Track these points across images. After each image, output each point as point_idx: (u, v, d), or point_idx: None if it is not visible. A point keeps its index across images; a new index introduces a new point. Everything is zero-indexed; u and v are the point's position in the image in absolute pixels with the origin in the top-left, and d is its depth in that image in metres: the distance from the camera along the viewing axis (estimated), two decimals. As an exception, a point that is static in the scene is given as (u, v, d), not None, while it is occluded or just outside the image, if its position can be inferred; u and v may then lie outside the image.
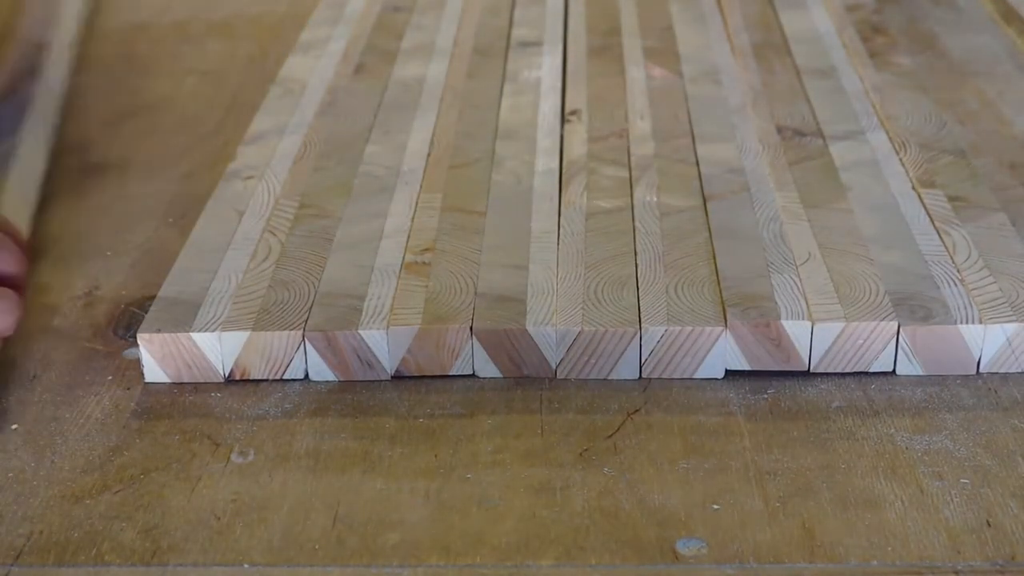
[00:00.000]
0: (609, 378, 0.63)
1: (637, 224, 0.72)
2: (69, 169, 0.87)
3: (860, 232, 0.70)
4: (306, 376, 0.64)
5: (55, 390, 0.64)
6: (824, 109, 0.86)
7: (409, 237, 0.71)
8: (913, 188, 0.75)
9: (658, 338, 0.62)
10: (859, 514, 0.54)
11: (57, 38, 1.01)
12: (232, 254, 0.70)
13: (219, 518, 0.55)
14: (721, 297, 0.64)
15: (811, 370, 0.63)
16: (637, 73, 0.92)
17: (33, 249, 0.76)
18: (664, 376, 0.63)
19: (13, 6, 1.05)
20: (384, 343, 0.63)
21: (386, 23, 1.04)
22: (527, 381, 0.64)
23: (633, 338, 0.63)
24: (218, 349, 0.63)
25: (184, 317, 0.64)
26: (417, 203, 0.75)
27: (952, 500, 0.55)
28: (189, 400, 0.63)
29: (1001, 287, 0.65)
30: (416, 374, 0.64)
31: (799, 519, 0.54)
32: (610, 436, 0.60)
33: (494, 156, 0.81)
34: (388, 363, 0.63)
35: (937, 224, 0.71)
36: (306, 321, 0.64)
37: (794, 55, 0.95)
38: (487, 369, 0.64)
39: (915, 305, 0.63)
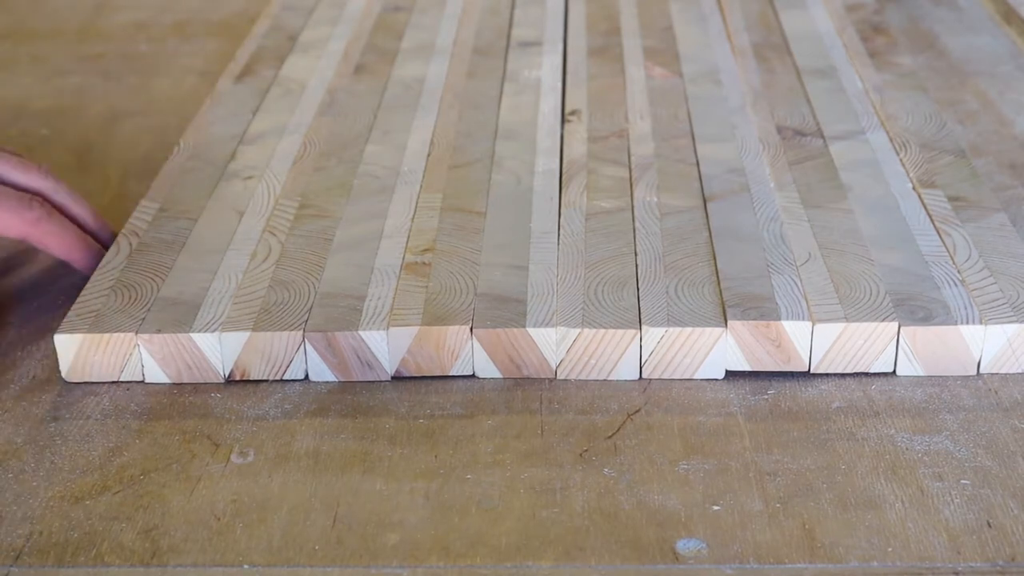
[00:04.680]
0: (609, 379, 0.63)
1: (637, 224, 0.72)
2: (69, 169, 0.87)
3: (860, 232, 0.70)
4: (306, 377, 0.64)
5: (55, 390, 0.64)
6: (824, 109, 0.86)
7: (409, 237, 0.71)
8: (913, 188, 0.75)
9: (658, 339, 0.62)
10: (859, 515, 0.54)
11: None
12: (232, 254, 0.70)
13: (219, 519, 0.55)
14: (721, 298, 0.64)
15: (811, 370, 0.63)
16: (637, 73, 0.92)
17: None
18: (664, 377, 0.63)
19: None
20: (384, 343, 0.63)
21: (386, 23, 1.04)
22: (527, 382, 0.64)
23: (633, 339, 0.63)
24: (218, 349, 0.63)
25: (184, 317, 0.64)
26: (417, 203, 0.75)
27: (952, 501, 0.55)
28: (189, 401, 0.63)
29: (1001, 287, 0.65)
30: (416, 374, 0.64)
31: (799, 520, 0.54)
32: (610, 437, 0.60)
33: (494, 156, 0.81)
34: (388, 363, 0.63)
35: (937, 224, 0.71)
36: (306, 322, 0.64)
37: (794, 55, 0.95)
38: (487, 370, 0.64)
39: (915, 306, 0.63)
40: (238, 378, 0.64)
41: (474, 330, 0.63)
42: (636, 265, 0.68)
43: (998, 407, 0.61)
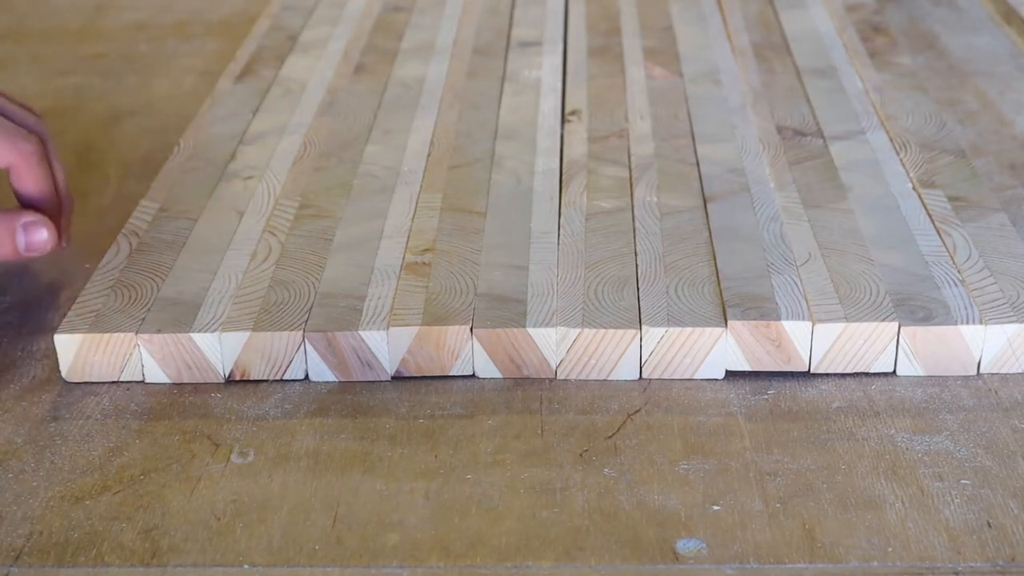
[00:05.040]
0: (609, 379, 0.63)
1: (637, 224, 0.72)
2: (69, 169, 0.87)
3: (860, 232, 0.70)
4: (306, 376, 0.64)
5: (55, 390, 0.64)
6: (824, 109, 0.86)
7: (409, 237, 0.71)
8: (913, 188, 0.75)
9: (658, 339, 0.62)
10: (859, 515, 0.54)
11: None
12: (232, 254, 0.70)
13: (219, 519, 0.55)
14: (721, 298, 0.64)
15: (811, 371, 0.63)
16: (637, 73, 0.92)
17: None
18: (664, 377, 0.63)
19: None
20: (384, 343, 0.63)
21: (386, 23, 1.04)
22: (527, 382, 0.64)
23: (633, 339, 0.63)
24: (218, 349, 0.63)
25: (184, 317, 0.64)
26: (417, 203, 0.75)
27: (952, 501, 0.55)
28: (189, 401, 0.63)
29: (1001, 287, 0.65)
30: (416, 374, 0.64)
31: (799, 520, 0.54)
32: (610, 437, 0.60)
33: (494, 156, 0.81)
34: (388, 363, 0.63)
35: (937, 224, 0.71)
36: (306, 321, 0.64)
37: (794, 55, 0.95)
38: (487, 370, 0.64)
39: (915, 306, 0.63)
40: (238, 378, 0.64)
41: (474, 330, 0.63)
42: (636, 265, 0.68)
43: (998, 407, 0.61)
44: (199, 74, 1.01)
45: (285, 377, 0.64)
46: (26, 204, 0.70)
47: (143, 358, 0.64)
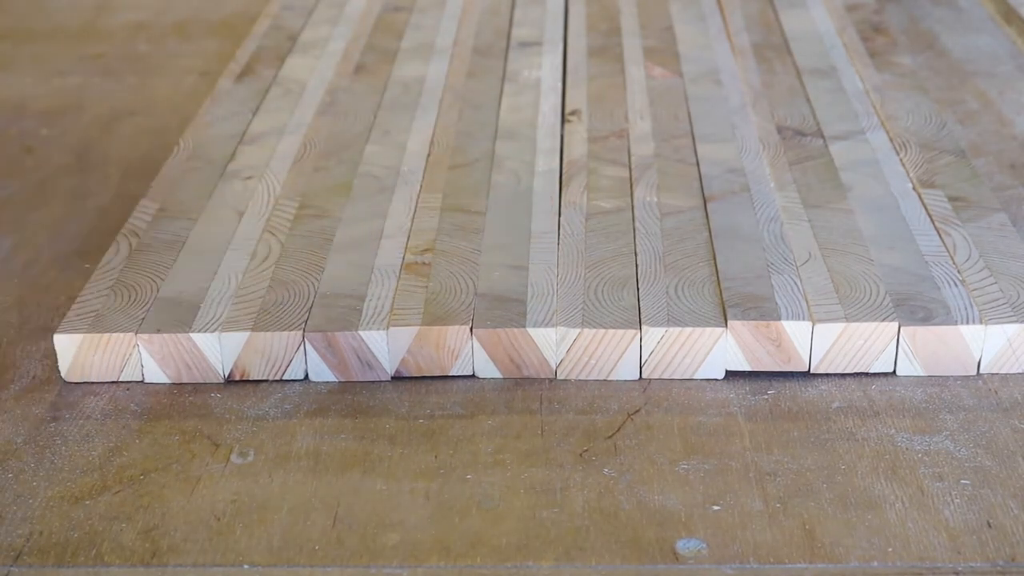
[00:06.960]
0: (609, 379, 0.63)
1: (637, 224, 0.72)
2: (69, 169, 0.87)
3: (860, 232, 0.70)
4: (306, 376, 0.64)
5: (55, 390, 0.64)
6: (824, 109, 0.86)
7: (409, 237, 0.71)
8: (913, 188, 0.75)
9: (658, 339, 0.62)
10: (859, 515, 0.54)
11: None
12: (232, 254, 0.70)
13: (219, 519, 0.55)
14: (721, 298, 0.64)
15: (811, 371, 0.63)
16: (637, 73, 0.92)
17: (35, 248, 0.76)
18: (664, 376, 0.63)
19: None
20: (384, 344, 0.63)
21: (386, 23, 1.04)
22: (527, 381, 0.64)
23: (633, 339, 0.62)
24: (218, 349, 0.63)
25: (184, 317, 0.64)
26: (417, 203, 0.75)
27: (952, 501, 0.55)
28: (189, 401, 0.63)
29: (1001, 287, 0.65)
30: (416, 374, 0.64)
31: (799, 520, 0.54)
32: (610, 437, 0.60)
33: (494, 156, 0.81)
34: (388, 363, 0.63)
35: (937, 224, 0.71)
36: (306, 321, 0.64)
37: (794, 55, 0.95)
38: (487, 369, 0.64)
39: (916, 306, 0.63)
40: (238, 378, 0.64)
41: (474, 330, 0.63)
42: (636, 265, 0.68)
43: (998, 407, 0.61)
44: (199, 74, 1.01)
45: (285, 377, 0.64)
46: None
47: (143, 358, 0.64)
